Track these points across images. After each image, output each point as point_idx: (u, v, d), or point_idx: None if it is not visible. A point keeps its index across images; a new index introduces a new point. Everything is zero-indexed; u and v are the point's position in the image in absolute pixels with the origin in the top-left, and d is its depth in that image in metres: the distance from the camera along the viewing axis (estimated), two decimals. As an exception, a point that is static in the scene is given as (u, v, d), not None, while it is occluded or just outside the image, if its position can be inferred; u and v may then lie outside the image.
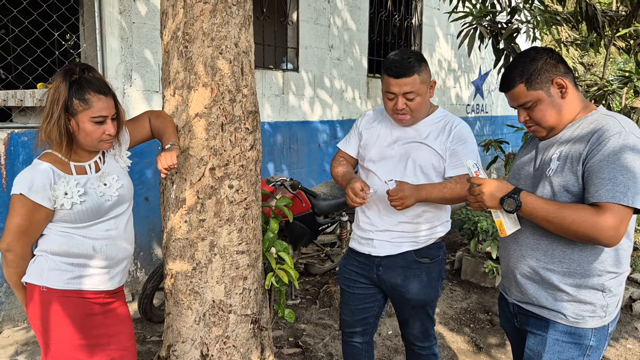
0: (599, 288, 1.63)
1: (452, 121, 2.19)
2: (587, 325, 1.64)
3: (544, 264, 1.67)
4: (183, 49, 2.04)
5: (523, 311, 1.78)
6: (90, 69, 1.82)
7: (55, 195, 1.76)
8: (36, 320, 1.83)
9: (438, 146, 2.14)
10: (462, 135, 2.15)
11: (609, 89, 4.29)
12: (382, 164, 2.20)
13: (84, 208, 1.80)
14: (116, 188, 1.89)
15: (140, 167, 4.00)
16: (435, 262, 2.23)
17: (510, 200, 1.58)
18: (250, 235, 2.20)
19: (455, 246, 5.73)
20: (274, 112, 5.02)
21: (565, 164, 1.60)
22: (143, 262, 4.18)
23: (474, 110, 8.10)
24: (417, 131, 2.17)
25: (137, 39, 3.89)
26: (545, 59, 1.65)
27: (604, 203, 1.48)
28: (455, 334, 3.67)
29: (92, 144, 1.81)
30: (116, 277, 1.95)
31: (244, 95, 2.13)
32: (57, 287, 1.81)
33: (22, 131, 3.41)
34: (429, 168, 2.15)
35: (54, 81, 1.75)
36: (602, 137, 1.54)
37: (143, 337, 3.44)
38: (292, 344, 3.42)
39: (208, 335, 2.16)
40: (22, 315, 3.53)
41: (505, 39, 3.96)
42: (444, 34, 7.28)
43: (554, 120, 1.66)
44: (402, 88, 2.04)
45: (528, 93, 1.65)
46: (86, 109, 1.75)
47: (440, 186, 2.08)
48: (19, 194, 1.74)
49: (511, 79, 1.68)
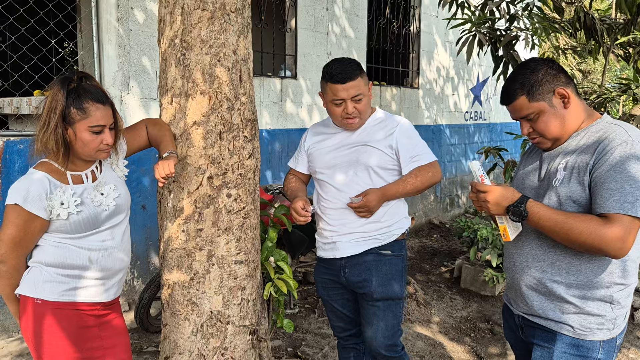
0: (607, 300, 1.60)
1: (392, 119, 2.28)
2: (595, 337, 1.61)
3: (551, 275, 1.64)
4: (181, 56, 2.02)
5: (529, 323, 1.74)
6: (88, 77, 1.79)
7: (51, 205, 1.72)
8: (29, 333, 1.78)
9: (384, 145, 2.21)
10: (404, 131, 2.24)
11: (607, 97, 4.28)
12: (332, 172, 2.26)
13: (81, 218, 1.77)
14: (113, 198, 1.86)
15: (138, 176, 3.97)
16: (398, 257, 2.27)
17: (517, 210, 1.56)
18: (248, 244, 2.17)
19: (454, 254, 5.70)
20: (272, 120, 5.00)
21: (572, 174, 1.57)
22: (140, 271, 4.14)
23: (472, 117, 8.10)
24: (361, 134, 2.25)
25: (134, 47, 3.88)
26: (546, 69, 1.63)
27: (611, 214, 1.45)
28: (455, 343, 3.63)
29: (90, 153, 1.78)
30: (112, 289, 1.91)
31: (242, 103, 2.10)
32: (51, 299, 1.77)
33: (18, 139, 3.38)
34: (380, 169, 2.21)
35: (51, 89, 1.72)
36: (608, 146, 1.51)
37: (140, 347, 3.39)
38: (290, 354, 3.38)
39: (206, 346, 2.12)
40: (16, 326, 3.48)
41: (504, 46, 3.95)
42: (442, 41, 7.29)
43: (557, 130, 1.64)
44: (349, 92, 2.13)
45: (530, 105, 1.63)
46: (84, 118, 1.72)
47: (403, 183, 2.18)
48: (14, 204, 1.70)
49: (512, 91, 1.66)
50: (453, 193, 7.85)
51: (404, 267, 2.31)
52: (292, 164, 2.47)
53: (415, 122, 6.75)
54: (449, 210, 7.76)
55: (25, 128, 3.50)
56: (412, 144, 2.23)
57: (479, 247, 4.67)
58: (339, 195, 2.23)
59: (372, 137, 2.23)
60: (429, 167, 2.22)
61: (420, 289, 4.38)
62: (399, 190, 2.19)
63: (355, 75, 2.14)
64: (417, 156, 2.22)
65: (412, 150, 2.22)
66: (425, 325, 3.87)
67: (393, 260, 2.26)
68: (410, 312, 4.01)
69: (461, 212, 8.08)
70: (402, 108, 6.53)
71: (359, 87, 2.14)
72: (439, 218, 7.40)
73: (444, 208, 7.63)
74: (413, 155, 2.22)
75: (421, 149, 2.24)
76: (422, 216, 7.07)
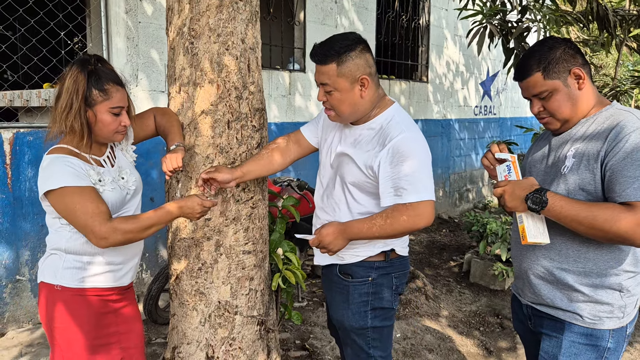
0: (616, 288, 1.57)
1: (389, 130, 1.81)
2: (604, 326, 1.58)
3: (558, 263, 1.62)
4: (189, 45, 2.01)
5: (537, 313, 1.72)
6: (102, 60, 1.79)
7: (92, 180, 1.71)
8: (48, 319, 1.80)
9: (362, 161, 1.82)
10: (399, 151, 1.76)
11: (621, 89, 4.22)
12: (322, 169, 2.04)
13: (114, 197, 1.77)
14: (132, 182, 1.88)
15: (146, 168, 3.97)
16: (359, 283, 1.94)
17: (536, 197, 1.50)
18: (257, 234, 2.16)
19: (463, 249, 5.67)
20: (281, 113, 4.99)
21: (582, 162, 1.54)
22: (148, 264, 4.15)
23: (482, 112, 8.04)
24: (352, 139, 1.91)
25: (143, 39, 3.87)
26: (564, 48, 1.59)
27: (633, 202, 1.42)
28: (464, 337, 3.61)
29: (108, 135, 1.78)
30: (129, 273, 1.92)
31: (251, 92, 2.09)
32: (71, 286, 1.78)
33: (28, 131, 3.39)
34: (356, 189, 1.88)
35: (70, 71, 1.70)
36: (620, 133, 1.48)
37: (148, 339, 3.40)
38: (298, 347, 3.37)
39: (214, 336, 2.11)
40: (27, 317, 3.50)
41: (516, 38, 3.91)
42: (452, 35, 7.23)
43: (569, 112, 1.60)
44: (318, 77, 1.81)
45: (544, 82, 1.59)
46: (105, 100, 1.72)
47: (369, 224, 1.79)
48: (60, 188, 1.64)
49: (528, 67, 1.61)
50: (462, 188, 7.80)
51: (370, 294, 1.94)
52: (302, 127, 2.14)
53: (424, 117, 6.70)
54: (457, 205, 7.71)
55: (34, 120, 3.51)
56: (399, 171, 1.74)
57: (489, 241, 4.64)
58: (318, 197, 2.05)
59: (356, 148, 1.86)
60: (405, 209, 1.74)
61: (429, 283, 4.36)
62: (363, 230, 1.80)
63: (328, 60, 1.76)
64: (400, 189, 1.74)
65: (396, 180, 1.75)
66: (434, 319, 3.85)
67: (351, 286, 1.94)
68: (419, 306, 3.99)
69: (470, 207, 8.03)
70: (411, 102, 6.48)
71: (328, 75, 1.77)
72: (447, 213, 7.36)
73: (452, 203, 7.59)
74: (397, 186, 1.75)
75: (409, 182, 1.73)
76: (431, 211, 7.02)
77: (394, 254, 1.95)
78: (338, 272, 1.98)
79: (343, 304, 1.98)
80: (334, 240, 1.83)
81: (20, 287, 3.46)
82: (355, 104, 1.82)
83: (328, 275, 2.06)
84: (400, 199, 1.75)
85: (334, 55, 1.76)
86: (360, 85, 1.80)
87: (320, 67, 1.80)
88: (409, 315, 3.86)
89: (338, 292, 2.00)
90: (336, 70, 1.76)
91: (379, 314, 1.98)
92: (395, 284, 1.98)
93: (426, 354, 3.33)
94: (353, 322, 1.97)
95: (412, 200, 1.74)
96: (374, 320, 1.97)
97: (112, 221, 1.67)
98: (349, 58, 1.77)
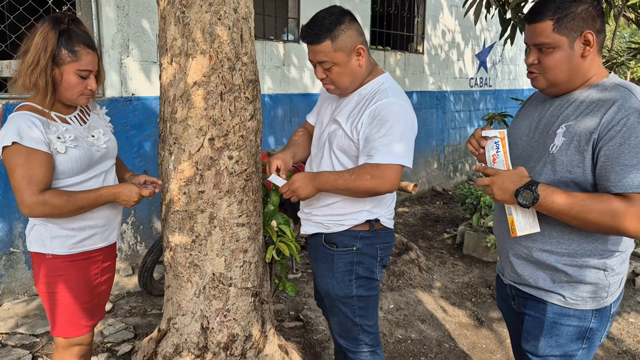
0: (600, 267, 1.51)
1: (378, 94, 1.86)
2: (587, 306, 1.54)
3: (541, 244, 1.56)
4: (180, 14, 1.96)
5: (520, 293, 1.68)
6: (77, 20, 1.77)
7: (49, 139, 1.70)
8: (43, 287, 1.85)
9: (349, 126, 1.88)
10: (380, 114, 1.80)
11: (617, 61, 4.19)
12: (312, 147, 2.11)
13: (79, 154, 1.77)
14: (104, 141, 1.90)
15: (139, 140, 3.94)
16: (344, 252, 1.97)
17: (527, 192, 1.39)
18: (250, 207, 2.15)
19: (457, 221, 5.71)
20: (275, 85, 4.93)
21: (572, 142, 1.44)
22: (143, 236, 4.16)
23: (477, 84, 7.99)
24: (341, 106, 1.97)
25: (134, 8, 3.79)
26: (588, 7, 1.44)
27: (630, 194, 1.33)
28: (456, 308, 3.66)
29: (72, 97, 1.78)
30: (114, 231, 2.00)
31: (244, 64, 2.05)
32: (62, 253, 1.82)
33: (18, 101, 3.33)
34: (341, 153, 1.92)
35: (41, 27, 1.69)
36: (617, 115, 1.37)
37: (144, 310, 3.43)
38: (293, 318, 3.41)
39: (208, 308, 2.13)
40: (22, 288, 3.52)
41: (513, 9, 3.85)
42: (449, 4, 7.12)
43: (562, 76, 1.49)
44: (315, 56, 1.86)
45: (551, 34, 1.45)
46: (74, 61, 1.72)
47: (337, 176, 1.84)
48: (10, 143, 1.64)
49: (542, 11, 1.46)
50: (457, 160, 7.81)
51: (355, 263, 1.98)
52: (308, 115, 2.28)
53: (419, 88, 6.65)
54: (452, 178, 7.73)
55: (24, 91, 3.46)
56: (375, 132, 1.79)
57: (482, 213, 4.67)
58: (308, 165, 2.10)
59: (345, 114, 1.91)
60: (371, 169, 1.78)
61: (422, 254, 4.40)
62: (329, 181, 1.84)
63: (321, 38, 1.80)
64: (373, 150, 1.79)
65: (371, 141, 1.79)
66: (427, 291, 3.90)
67: (336, 255, 1.98)
68: (413, 277, 4.04)
69: (464, 179, 8.05)
70: (407, 74, 6.42)
71: (326, 53, 1.82)
72: (442, 185, 7.38)
73: (447, 175, 7.61)
74: (371, 147, 1.80)
75: (383, 144, 1.77)
76: (425, 183, 7.05)
77: (379, 225, 1.99)
78: (324, 242, 2.02)
79: (328, 273, 2.03)
80: (302, 185, 1.89)
81: (14, 259, 3.46)
82: (355, 73, 1.90)
83: (314, 245, 2.10)
84: (370, 159, 1.80)
85: (326, 32, 1.81)
86: (357, 55, 1.87)
87: (314, 47, 1.85)
88: (402, 287, 3.91)
89: (323, 261, 2.05)
90: (332, 46, 1.82)
91: (364, 284, 2.01)
92: (380, 256, 2.02)
93: (419, 324, 3.39)
94: (338, 290, 2.01)
95: (379, 162, 1.78)
96: (359, 289, 2.01)
97: (44, 193, 1.67)
98: (341, 31, 1.82)
